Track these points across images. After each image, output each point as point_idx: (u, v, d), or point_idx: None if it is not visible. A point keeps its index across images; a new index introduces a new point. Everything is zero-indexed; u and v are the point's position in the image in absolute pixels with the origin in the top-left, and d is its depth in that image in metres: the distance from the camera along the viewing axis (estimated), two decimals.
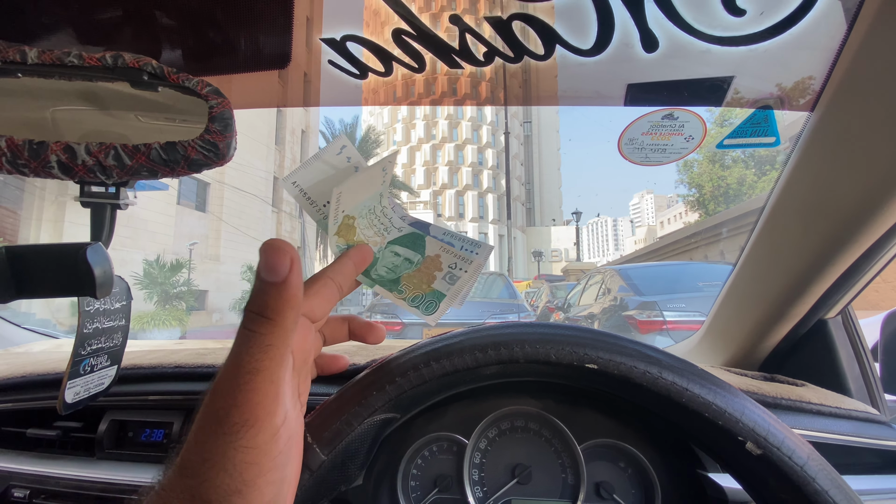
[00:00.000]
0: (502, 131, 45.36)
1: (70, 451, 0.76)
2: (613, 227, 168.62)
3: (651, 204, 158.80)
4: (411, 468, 0.72)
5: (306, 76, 0.80)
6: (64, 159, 0.50)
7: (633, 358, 0.42)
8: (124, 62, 0.51)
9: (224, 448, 0.25)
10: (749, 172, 20.20)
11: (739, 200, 19.20)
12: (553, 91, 0.57)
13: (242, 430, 0.25)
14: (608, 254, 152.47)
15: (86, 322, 0.59)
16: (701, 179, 20.98)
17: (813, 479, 0.37)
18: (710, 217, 17.35)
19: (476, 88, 1.34)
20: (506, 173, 42.01)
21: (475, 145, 44.72)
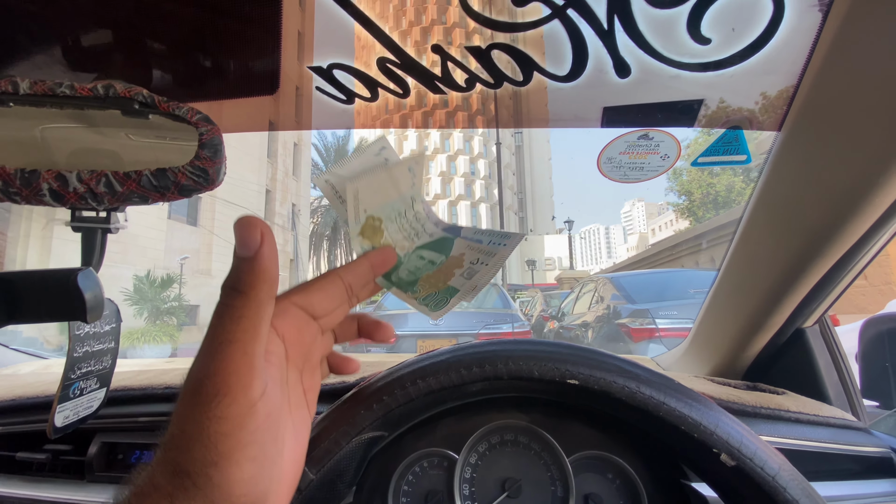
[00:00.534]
0: (494, 142, 45.76)
1: (60, 474, 0.76)
2: (606, 236, 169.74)
3: (642, 212, 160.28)
4: (402, 484, 0.72)
5: (298, 90, 0.82)
6: (56, 187, 0.51)
7: (612, 373, 0.44)
8: (116, 92, 0.52)
9: (199, 418, 0.25)
10: (737, 179, 20.51)
11: (729, 207, 19.45)
12: (533, 115, 0.59)
13: (215, 399, 0.25)
14: (601, 262, 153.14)
15: (76, 346, 0.59)
16: (690, 187, 21.27)
17: (784, 489, 0.38)
18: (700, 224, 17.56)
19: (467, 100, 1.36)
20: (498, 183, 42.25)
21: (467, 156, 45.05)
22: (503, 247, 0.39)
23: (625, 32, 0.48)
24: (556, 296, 11.40)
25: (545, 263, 50.30)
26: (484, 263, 0.39)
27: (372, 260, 0.38)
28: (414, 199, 0.43)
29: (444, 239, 0.42)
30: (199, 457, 0.25)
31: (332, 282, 0.34)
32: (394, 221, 0.42)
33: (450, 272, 0.39)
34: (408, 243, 0.42)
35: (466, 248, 0.41)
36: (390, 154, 0.42)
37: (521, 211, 57.20)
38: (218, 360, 0.26)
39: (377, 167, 0.41)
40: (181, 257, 14.90)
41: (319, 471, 0.39)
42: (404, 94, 0.56)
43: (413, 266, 0.41)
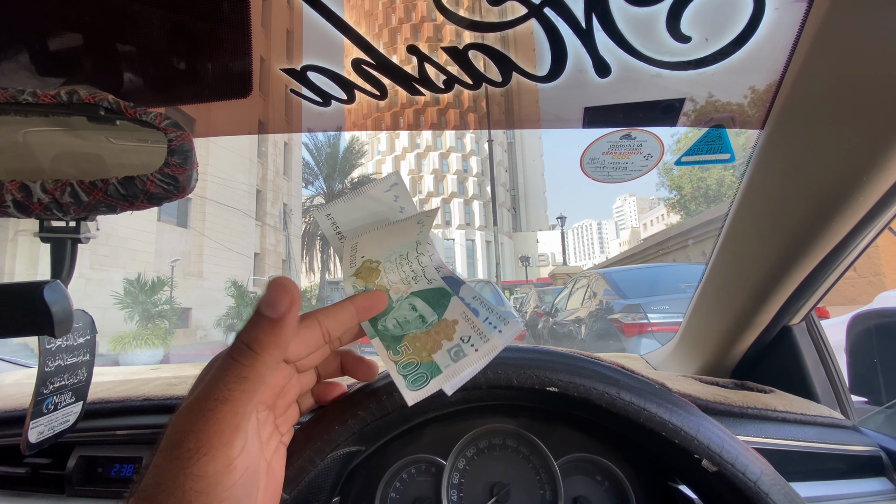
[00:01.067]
0: (486, 139, 45.76)
1: (40, 488, 0.74)
2: (598, 231, 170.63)
3: (634, 207, 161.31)
4: (389, 492, 0.71)
5: (288, 98, 0.81)
6: (20, 198, 0.49)
7: (591, 379, 0.43)
8: (80, 98, 0.50)
9: (175, 474, 0.25)
10: (728, 173, 20.69)
11: (720, 201, 19.64)
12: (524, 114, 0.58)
13: (195, 457, 0.25)
14: (594, 257, 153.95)
15: (47, 360, 0.57)
16: (681, 181, 21.43)
17: (766, 495, 0.38)
18: (691, 218, 17.70)
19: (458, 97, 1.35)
20: (490, 180, 42.26)
21: (459, 153, 45.01)
22: (498, 333, 0.37)
23: (603, 31, 0.47)
24: (549, 292, 11.44)
25: (538, 259, 50.47)
26: (474, 347, 0.36)
27: (358, 304, 0.36)
28: (419, 242, 0.41)
29: (441, 290, 0.40)
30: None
31: (307, 327, 0.33)
32: (393, 263, 0.40)
33: (437, 341, 0.37)
34: (404, 286, 0.40)
35: (461, 316, 0.38)
36: (400, 191, 0.39)
37: (514, 207, 57.32)
38: (207, 418, 0.25)
39: (383, 222, 0.38)
40: (172, 260, 14.76)
41: (293, 490, 0.38)
42: (381, 95, 0.54)
43: (402, 316, 0.39)
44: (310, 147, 29.71)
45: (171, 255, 15.07)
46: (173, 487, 0.24)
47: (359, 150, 31.59)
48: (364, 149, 33.52)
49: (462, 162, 44.97)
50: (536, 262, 49.38)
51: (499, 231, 44.25)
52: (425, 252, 0.41)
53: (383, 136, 45.50)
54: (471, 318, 0.38)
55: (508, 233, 52.02)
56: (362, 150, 32.40)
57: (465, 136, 45.34)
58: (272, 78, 0.61)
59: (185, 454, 0.25)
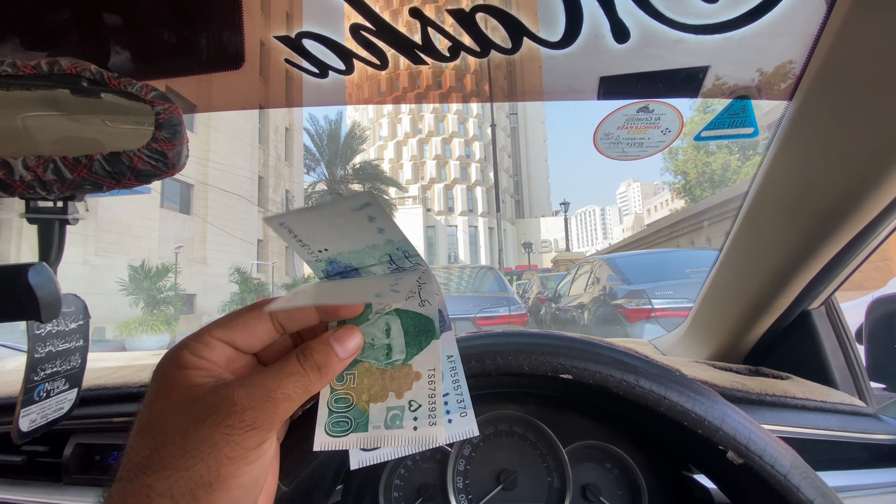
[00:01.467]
0: (489, 124, 45.24)
1: (37, 476, 0.73)
2: (601, 217, 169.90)
3: (638, 192, 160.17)
4: (394, 479, 0.70)
5: (288, 73, 0.77)
6: (1, 176, 0.46)
7: (608, 366, 0.40)
8: (61, 68, 0.47)
9: (217, 440, 0.25)
10: (733, 158, 20.46)
11: (724, 186, 19.44)
12: (524, 87, 0.54)
13: (244, 429, 0.26)
14: (597, 243, 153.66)
15: (36, 346, 0.55)
16: (686, 166, 21.20)
17: (797, 489, 0.35)
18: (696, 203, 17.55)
19: (461, 81, 1.31)
20: (493, 166, 41.91)
21: (462, 138, 44.58)
22: (447, 422, 0.31)
23: None
24: (552, 278, 11.43)
25: (541, 246, 50.42)
26: (414, 424, 0.30)
27: (321, 307, 0.33)
28: (406, 251, 0.32)
29: (427, 323, 0.33)
30: (195, 477, 0.25)
31: (257, 317, 0.31)
32: (381, 269, 0.33)
33: (385, 391, 0.32)
34: (392, 297, 0.33)
35: (428, 372, 0.32)
36: (377, 211, 0.30)
37: (517, 193, 57.04)
38: (272, 402, 0.27)
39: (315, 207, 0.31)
40: (176, 246, 14.80)
41: (292, 482, 0.35)
42: (382, 65, 0.51)
43: (371, 334, 0.33)
44: (311, 132, 29.49)
45: (175, 241, 15.10)
46: (206, 453, 0.25)
47: (360, 135, 31.34)
48: (365, 134, 33.26)
49: (465, 147, 44.59)
50: (539, 248, 49.33)
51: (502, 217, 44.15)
52: (423, 262, 0.34)
53: (385, 121, 45.13)
54: (434, 383, 0.31)
55: (511, 219, 51.90)
56: (364, 136, 32.14)
57: (468, 122, 44.88)
58: (268, 49, 0.57)
59: (236, 423, 0.26)
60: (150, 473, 0.25)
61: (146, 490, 0.25)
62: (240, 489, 0.26)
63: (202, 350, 0.29)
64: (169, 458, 0.25)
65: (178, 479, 0.25)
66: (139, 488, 0.25)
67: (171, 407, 0.27)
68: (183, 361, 0.29)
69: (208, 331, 0.30)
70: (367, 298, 0.32)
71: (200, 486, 0.25)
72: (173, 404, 0.27)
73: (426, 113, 44.44)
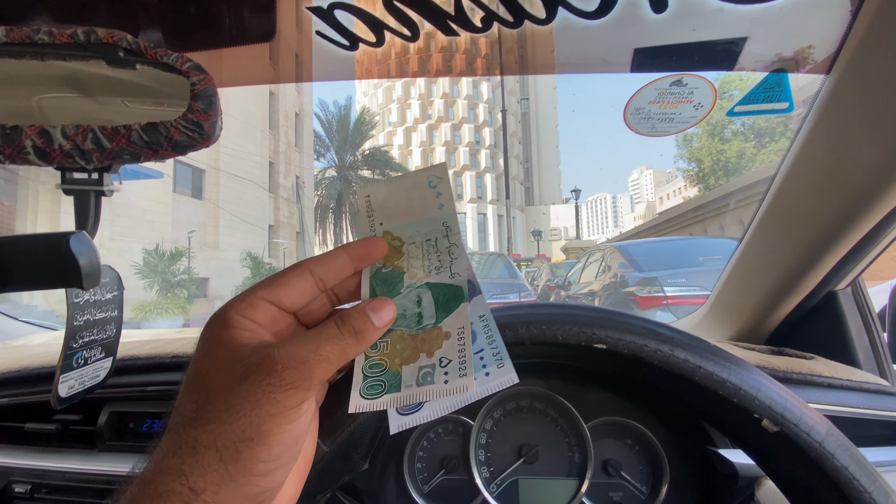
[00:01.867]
0: (499, 109, 44.70)
1: (71, 444, 0.76)
2: (613, 204, 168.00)
3: (650, 180, 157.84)
4: (417, 450, 0.71)
5: (297, 56, 0.77)
6: (40, 144, 0.47)
7: (643, 336, 0.40)
8: (97, 38, 0.47)
9: (259, 396, 0.26)
10: (749, 145, 20.03)
11: (739, 174, 19.07)
12: (553, 60, 0.53)
13: (284, 387, 0.27)
14: (607, 231, 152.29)
15: (75, 314, 0.57)
16: (700, 154, 20.80)
17: (832, 455, 0.36)
18: (710, 191, 17.27)
19: (471, 65, 1.29)
20: (503, 152, 41.52)
21: (472, 124, 44.15)
22: (484, 374, 0.32)
23: None
24: (562, 265, 11.39)
25: (551, 233, 50.13)
26: (445, 378, 0.31)
27: (352, 252, 0.35)
28: (449, 227, 0.37)
29: (457, 290, 0.35)
30: (238, 431, 0.26)
31: (299, 275, 0.32)
32: (419, 247, 0.37)
33: (416, 353, 0.33)
34: (422, 274, 0.36)
35: (457, 331, 0.33)
36: (444, 188, 0.37)
37: (527, 180, 56.58)
38: (309, 365, 0.28)
39: (401, 179, 0.37)
40: (188, 231, 14.97)
41: (333, 443, 0.37)
42: (413, 36, 0.50)
43: (403, 307, 0.35)
44: (321, 118, 29.42)
45: (188, 226, 15.28)
46: (248, 408, 0.26)
47: (370, 121, 31.20)
48: (375, 120, 33.11)
49: (475, 133, 44.18)
50: (549, 236, 49.06)
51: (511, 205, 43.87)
52: (458, 242, 0.37)
53: (394, 107, 44.79)
54: (464, 339, 0.33)
55: (521, 206, 51.58)
56: (373, 122, 32.00)
57: (479, 107, 44.38)
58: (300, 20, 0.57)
59: (277, 382, 0.27)
60: (197, 426, 0.26)
61: (192, 441, 0.26)
62: (280, 446, 0.27)
63: (247, 310, 0.30)
64: (214, 413, 0.26)
65: (222, 433, 0.25)
66: (186, 439, 0.26)
67: (216, 364, 0.28)
68: (229, 321, 0.30)
69: (253, 291, 0.31)
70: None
71: (243, 440, 0.25)
72: (218, 362, 0.28)
73: (436, 98, 44.02)
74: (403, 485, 0.68)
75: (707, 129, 19.87)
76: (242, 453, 0.25)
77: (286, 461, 0.28)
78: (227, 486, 0.25)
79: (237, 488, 0.25)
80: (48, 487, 0.68)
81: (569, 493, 0.68)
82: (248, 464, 0.26)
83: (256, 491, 0.26)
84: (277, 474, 0.28)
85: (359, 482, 0.67)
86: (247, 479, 0.26)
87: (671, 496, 0.65)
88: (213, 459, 0.25)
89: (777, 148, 17.75)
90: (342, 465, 0.39)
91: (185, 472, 0.25)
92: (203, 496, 0.25)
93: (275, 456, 0.27)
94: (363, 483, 0.67)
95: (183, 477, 0.25)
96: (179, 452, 0.26)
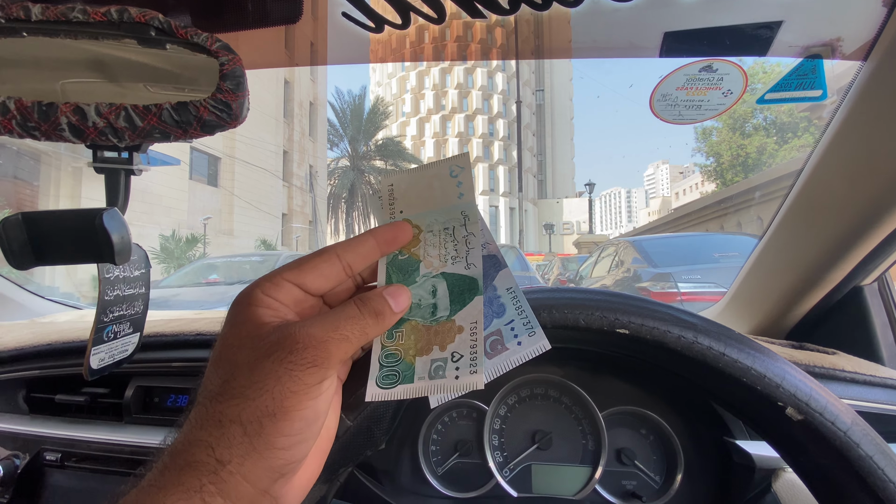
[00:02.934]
0: (514, 100, 44.22)
1: (98, 416, 0.78)
2: (627, 199, 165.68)
3: (666, 174, 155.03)
4: (432, 433, 0.73)
5: (313, 46, 0.77)
6: (74, 121, 0.48)
7: (666, 322, 0.40)
8: (130, 17, 0.48)
9: (280, 373, 0.27)
10: (770, 141, 19.50)
11: (759, 170, 18.62)
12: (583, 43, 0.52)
13: (304, 365, 0.27)
14: (621, 226, 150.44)
15: (106, 289, 0.59)
16: (720, 148, 20.32)
17: (857, 445, 0.35)
18: (728, 187, 16.90)
19: (487, 53, 1.25)
20: (517, 144, 41.16)
21: (486, 115, 43.76)
22: (516, 344, 0.34)
23: None
24: (573, 260, 11.32)
25: (563, 227, 49.71)
26: (456, 373, 0.32)
27: (379, 237, 0.35)
28: (468, 216, 0.37)
29: (472, 283, 0.35)
30: (261, 406, 0.26)
31: (326, 260, 0.33)
32: (436, 235, 0.37)
33: (430, 345, 0.33)
34: (439, 263, 0.36)
35: (470, 326, 0.33)
36: (465, 178, 0.38)
37: (540, 173, 56.06)
38: (330, 344, 0.29)
39: (423, 168, 0.38)
40: (204, 217, 15.19)
41: (357, 417, 0.37)
42: (439, 18, 0.50)
43: (418, 296, 0.35)
44: (335, 107, 29.44)
45: (203, 212, 15.50)
46: (271, 384, 0.27)
47: (383, 111, 31.13)
48: (388, 110, 33.01)
49: (488, 125, 43.81)
50: (561, 230, 48.66)
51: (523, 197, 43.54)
52: (476, 231, 0.37)
53: (408, 97, 44.59)
54: (476, 334, 0.33)
55: (533, 199, 51.20)
56: (387, 112, 31.92)
57: (493, 98, 43.94)
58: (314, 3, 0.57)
59: (298, 360, 0.27)
60: (222, 401, 0.27)
61: (218, 415, 0.27)
62: (302, 421, 0.28)
63: (272, 290, 0.31)
64: (238, 388, 0.27)
65: (247, 407, 0.26)
66: (212, 413, 0.27)
67: (240, 341, 0.29)
68: (254, 299, 0.30)
69: (279, 273, 0.32)
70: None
71: (266, 415, 0.26)
72: (242, 339, 0.29)
73: (450, 89, 43.70)
74: (418, 465, 0.69)
75: (728, 122, 19.39)
76: (265, 427, 0.26)
77: (308, 436, 0.29)
78: (251, 457, 0.26)
79: (261, 460, 0.26)
80: (77, 456, 0.71)
81: (582, 480, 0.68)
82: (271, 437, 0.26)
83: (280, 463, 0.27)
84: (300, 448, 0.28)
85: (375, 462, 0.68)
86: (270, 452, 0.27)
87: (685, 486, 0.65)
88: (238, 433, 0.26)
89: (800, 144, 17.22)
90: (364, 440, 0.40)
91: (211, 444, 0.26)
92: (229, 467, 0.26)
93: (297, 431, 0.27)
94: (380, 462, 0.68)
95: (210, 448, 0.26)
96: (206, 425, 0.27)
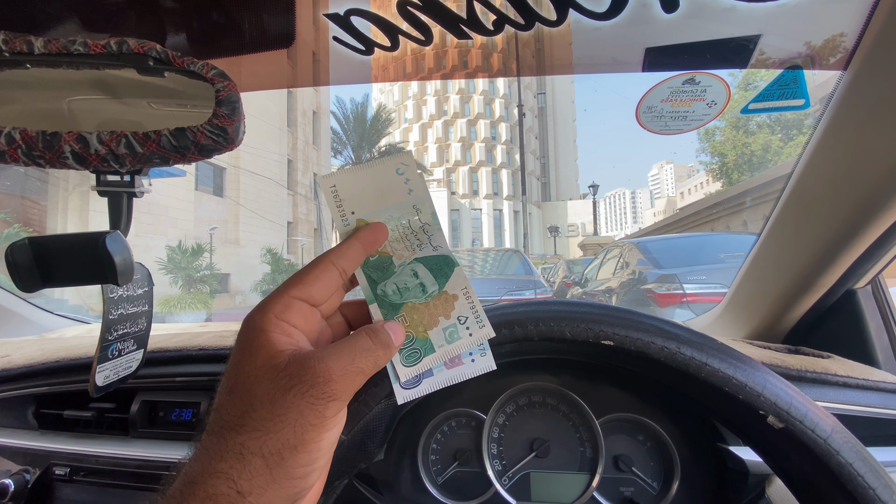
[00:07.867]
0: (515, 104, 44.28)
1: (106, 430, 0.80)
2: (632, 200, 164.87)
3: (671, 174, 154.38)
4: (431, 443, 0.73)
5: (315, 56, 0.79)
6: (77, 149, 0.50)
7: (649, 333, 0.41)
8: (129, 48, 0.50)
9: (303, 408, 0.28)
10: (775, 138, 19.35)
11: (764, 168, 18.47)
12: (567, 60, 0.54)
13: (326, 399, 0.29)
14: (626, 227, 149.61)
15: (111, 308, 0.60)
16: (724, 147, 20.19)
17: (837, 452, 0.36)
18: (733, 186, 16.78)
19: (488, 60, 1.29)
20: (520, 147, 41.17)
21: (488, 119, 43.87)
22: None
23: None
24: (579, 262, 11.28)
25: (568, 230, 49.55)
26: (469, 331, 0.37)
27: (363, 239, 0.37)
28: (419, 208, 0.40)
29: (446, 259, 0.39)
30: (282, 439, 0.28)
31: (325, 270, 0.35)
32: (395, 230, 0.39)
33: (435, 317, 0.37)
34: (408, 253, 0.39)
35: (462, 292, 0.38)
36: (412, 174, 0.39)
37: (543, 176, 56.00)
38: (349, 378, 0.30)
39: (368, 166, 0.39)
40: (210, 227, 15.32)
41: (350, 432, 0.39)
42: (426, 40, 0.52)
43: (403, 282, 0.38)
44: (338, 116, 29.61)
45: (209, 223, 15.64)
46: (294, 418, 0.28)
47: (386, 118, 31.30)
48: (391, 117, 33.19)
49: (491, 129, 43.89)
50: (566, 232, 48.50)
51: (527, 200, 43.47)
52: (429, 220, 0.40)
53: (410, 103, 44.80)
54: (471, 296, 0.37)
55: (537, 202, 51.11)
56: (389, 119, 32.09)
57: (494, 102, 44.05)
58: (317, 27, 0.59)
59: (319, 394, 0.29)
60: (243, 433, 0.28)
61: (239, 448, 0.27)
62: (318, 451, 0.29)
63: (284, 312, 0.31)
64: (259, 421, 0.28)
65: (268, 441, 0.27)
66: (233, 445, 0.28)
67: (257, 371, 0.29)
68: (266, 325, 0.31)
69: (286, 291, 0.33)
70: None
71: (287, 448, 0.28)
72: (258, 369, 0.29)
73: (452, 94, 43.86)
74: (417, 475, 0.70)
75: (731, 121, 19.26)
76: (286, 459, 0.28)
77: (322, 464, 0.30)
78: (270, 488, 0.27)
79: (279, 490, 0.28)
80: (85, 470, 0.73)
81: (580, 488, 0.69)
82: (291, 468, 0.28)
83: (295, 491, 0.29)
84: (314, 476, 0.30)
85: (375, 472, 0.69)
86: (289, 482, 0.28)
87: (682, 492, 0.65)
88: (260, 465, 0.27)
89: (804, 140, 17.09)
90: (358, 454, 0.41)
91: (232, 477, 0.27)
92: (249, 498, 0.27)
93: (314, 460, 0.29)
94: (379, 473, 0.69)
95: (231, 481, 0.27)
96: (227, 457, 0.27)
